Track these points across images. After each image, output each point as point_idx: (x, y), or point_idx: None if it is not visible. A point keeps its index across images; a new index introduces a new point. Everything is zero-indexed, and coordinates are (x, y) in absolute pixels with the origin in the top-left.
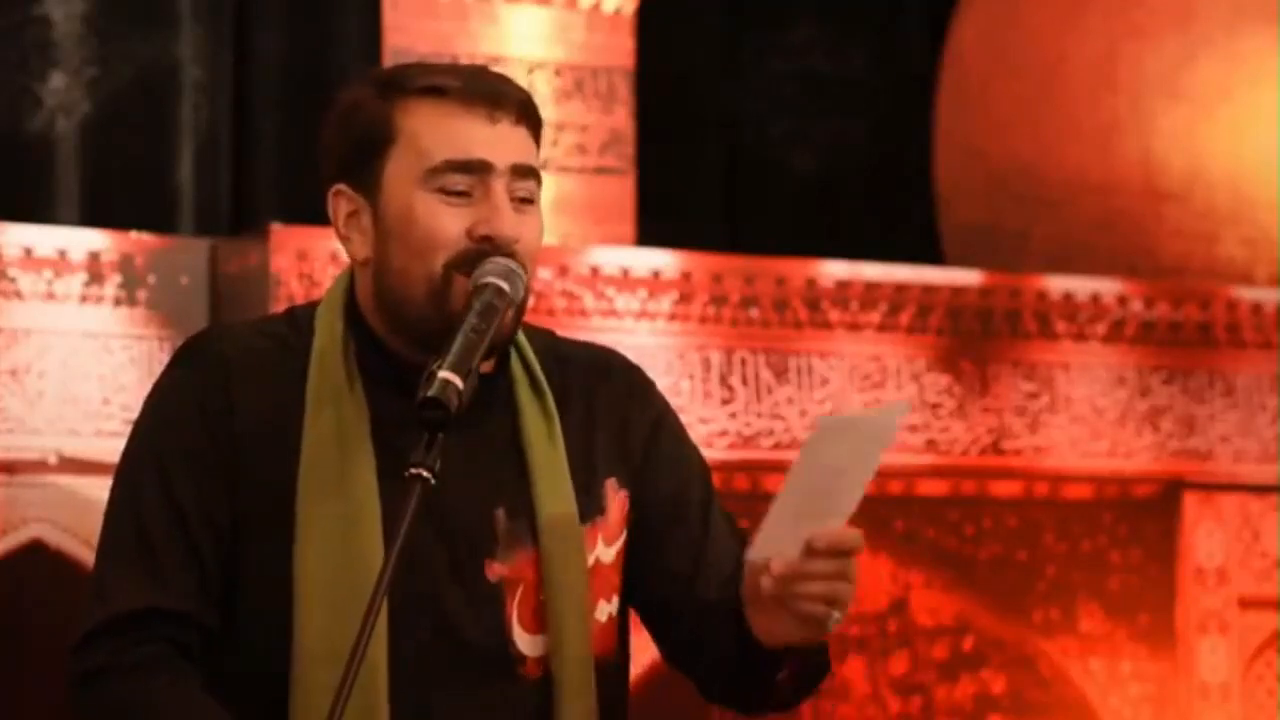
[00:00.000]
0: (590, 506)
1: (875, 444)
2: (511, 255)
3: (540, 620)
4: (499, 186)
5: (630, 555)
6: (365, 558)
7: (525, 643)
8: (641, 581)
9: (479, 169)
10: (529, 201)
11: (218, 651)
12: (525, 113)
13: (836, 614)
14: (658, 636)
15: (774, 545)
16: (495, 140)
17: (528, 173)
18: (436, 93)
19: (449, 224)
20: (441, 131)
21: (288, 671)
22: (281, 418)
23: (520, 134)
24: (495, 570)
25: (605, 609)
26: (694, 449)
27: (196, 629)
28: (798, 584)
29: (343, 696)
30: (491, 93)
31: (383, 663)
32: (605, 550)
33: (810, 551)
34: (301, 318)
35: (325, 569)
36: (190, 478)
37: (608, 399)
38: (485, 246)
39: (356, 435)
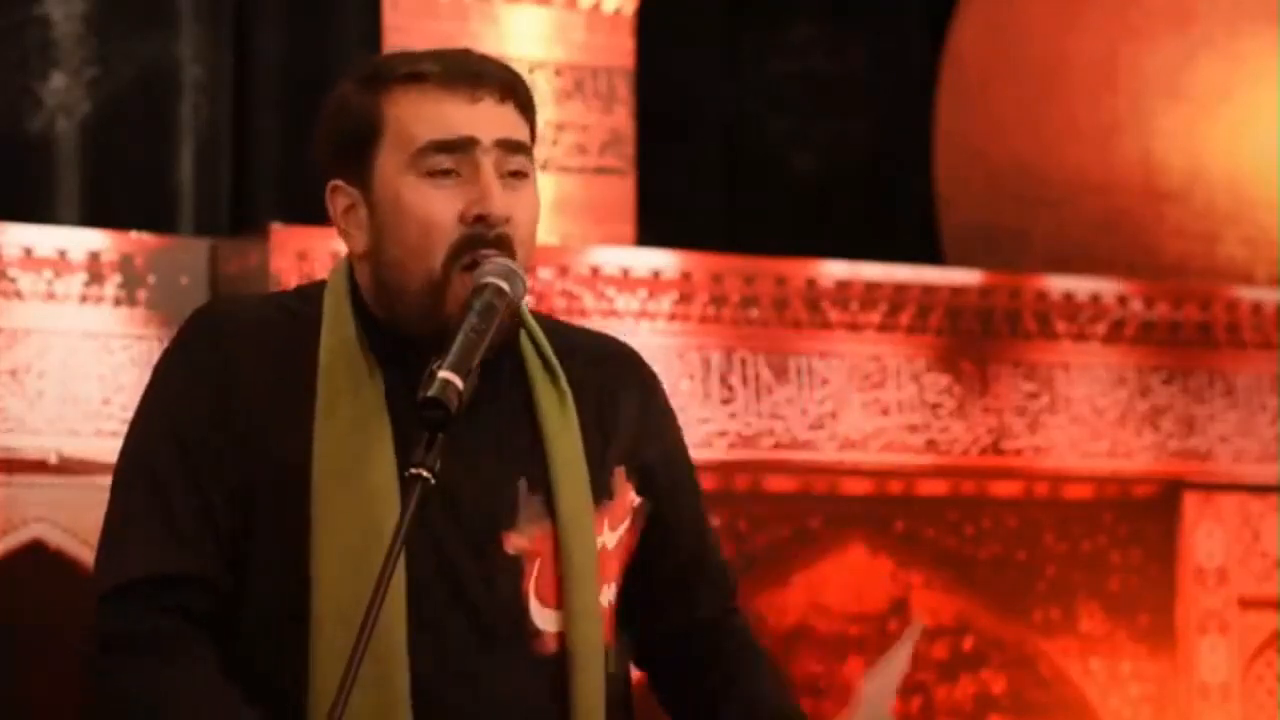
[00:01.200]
0: (599, 490)
1: (897, 667)
2: (504, 235)
3: (555, 595)
4: (486, 162)
5: (630, 585)
6: (381, 524)
7: (542, 617)
8: (632, 581)
9: (464, 146)
10: (521, 176)
11: (233, 614)
12: (510, 90)
13: None
14: (637, 638)
15: None
16: (478, 117)
17: (516, 147)
18: (418, 78)
19: (440, 209)
20: (424, 114)
21: (305, 637)
22: (291, 387)
23: (506, 110)
24: (513, 542)
25: (606, 594)
26: (688, 453)
27: (213, 592)
28: None
29: (354, 665)
30: (472, 72)
31: (401, 631)
32: (609, 535)
33: None
34: (310, 293)
35: (341, 538)
36: (204, 446)
37: (626, 393)
38: (479, 228)
39: (373, 406)
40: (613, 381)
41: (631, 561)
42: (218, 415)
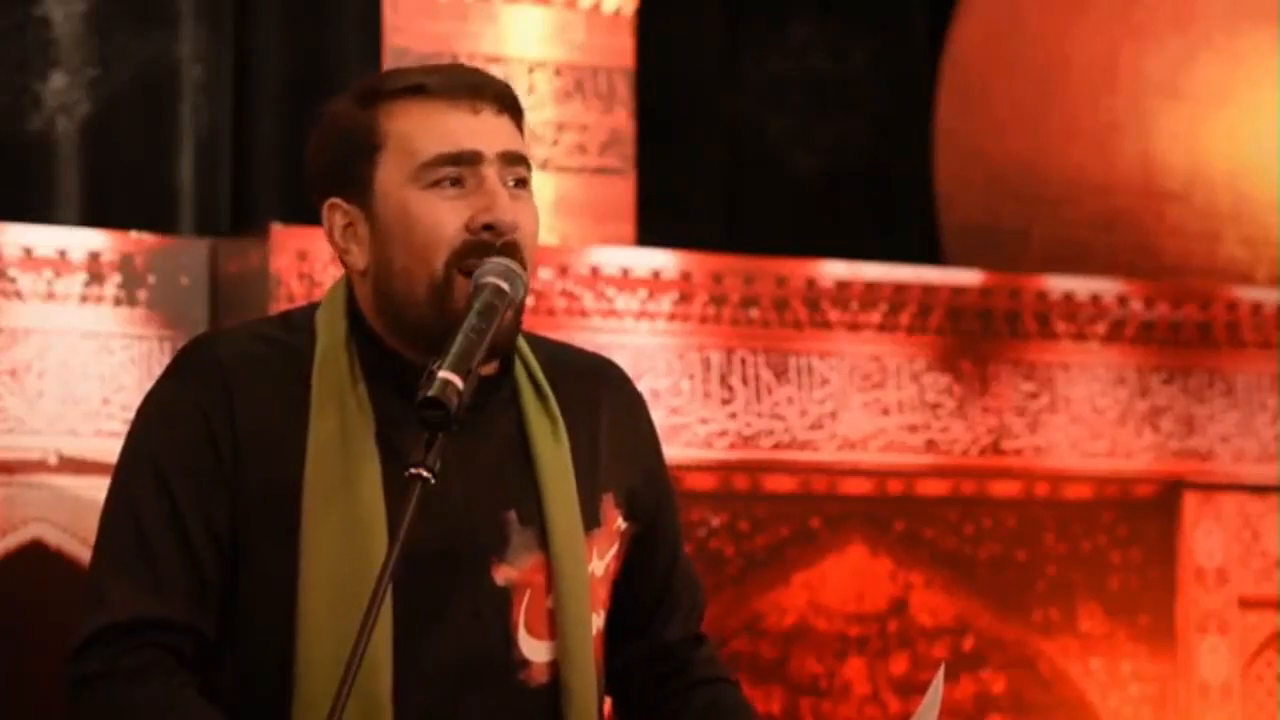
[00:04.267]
0: (590, 517)
1: (931, 709)
2: (513, 243)
3: (546, 626)
4: (491, 174)
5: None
6: (370, 560)
7: (530, 648)
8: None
9: (470, 159)
10: (523, 186)
11: (216, 659)
12: (506, 103)
13: None
14: (605, 656)
15: None
16: (481, 130)
17: (518, 159)
18: (418, 92)
19: (447, 218)
20: (428, 128)
21: (291, 675)
22: (284, 422)
23: (504, 123)
24: (503, 573)
25: (595, 621)
26: (669, 474)
27: (193, 638)
28: None
29: (342, 695)
30: (471, 85)
31: (387, 665)
32: (598, 563)
33: None
34: (298, 321)
35: (331, 572)
36: (190, 487)
37: (614, 415)
38: (486, 236)
39: (361, 437)
40: (601, 403)
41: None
42: (206, 459)
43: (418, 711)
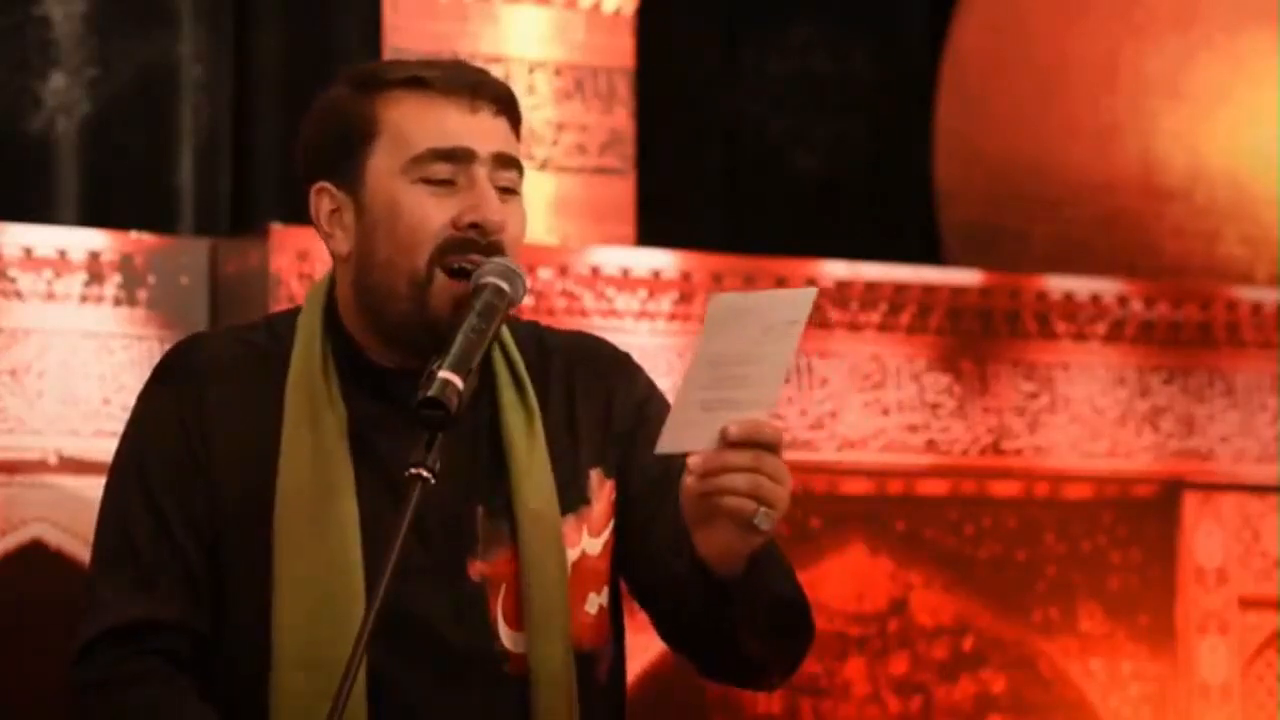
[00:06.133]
0: (574, 499)
1: (786, 329)
2: (498, 243)
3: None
4: (482, 174)
5: (621, 538)
6: (344, 562)
7: (511, 640)
8: (632, 563)
9: (462, 157)
10: (512, 192)
11: (210, 656)
12: (504, 105)
13: (765, 510)
14: (652, 616)
15: (686, 438)
16: (477, 128)
17: (510, 163)
18: (418, 84)
19: (434, 213)
20: (424, 121)
21: (267, 675)
22: (259, 425)
23: (501, 124)
24: (477, 569)
25: (595, 601)
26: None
27: (189, 636)
28: (718, 477)
29: (342, 695)
30: (471, 83)
31: (362, 666)
32: (591, 542)
33: (725, 442)
34: (279, 325)
35: (303, 575)
36: (173, 487)
37: (589, 385)
38: (472, 234)
39: (334, 442)
40: (584, 381)
41: (627, 545)
42: (184, 461)
43: (409, 709)
